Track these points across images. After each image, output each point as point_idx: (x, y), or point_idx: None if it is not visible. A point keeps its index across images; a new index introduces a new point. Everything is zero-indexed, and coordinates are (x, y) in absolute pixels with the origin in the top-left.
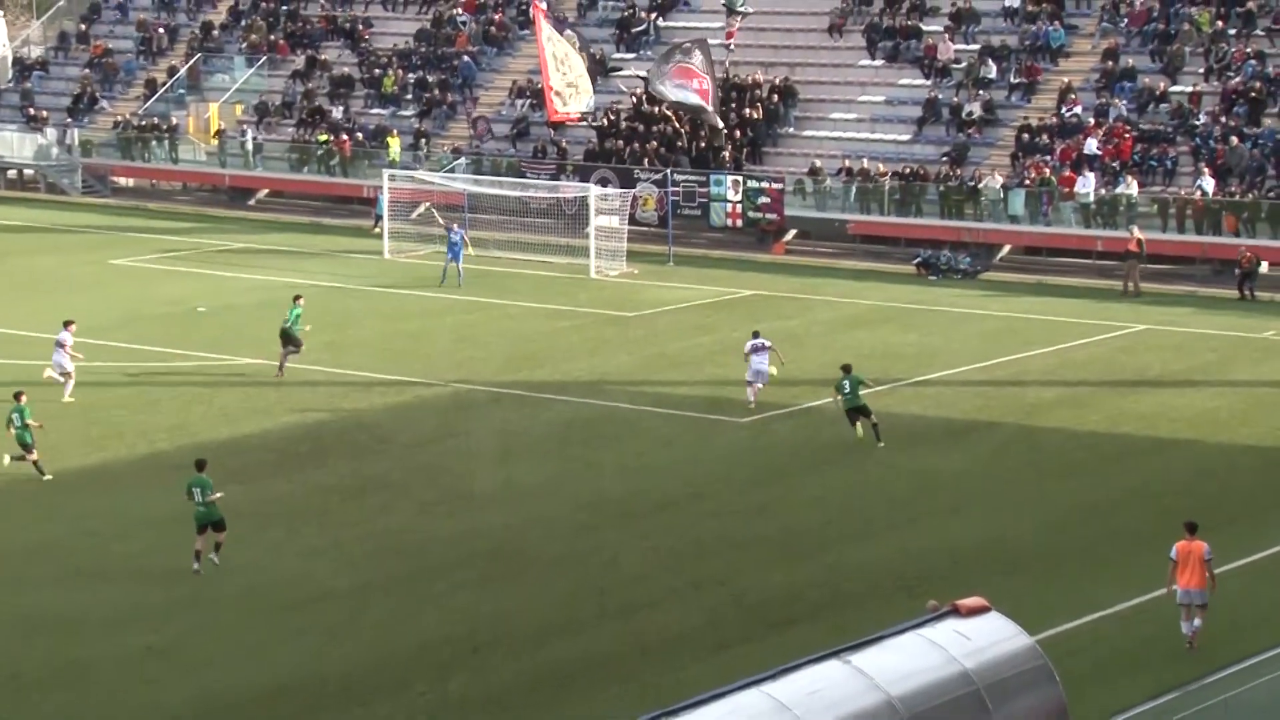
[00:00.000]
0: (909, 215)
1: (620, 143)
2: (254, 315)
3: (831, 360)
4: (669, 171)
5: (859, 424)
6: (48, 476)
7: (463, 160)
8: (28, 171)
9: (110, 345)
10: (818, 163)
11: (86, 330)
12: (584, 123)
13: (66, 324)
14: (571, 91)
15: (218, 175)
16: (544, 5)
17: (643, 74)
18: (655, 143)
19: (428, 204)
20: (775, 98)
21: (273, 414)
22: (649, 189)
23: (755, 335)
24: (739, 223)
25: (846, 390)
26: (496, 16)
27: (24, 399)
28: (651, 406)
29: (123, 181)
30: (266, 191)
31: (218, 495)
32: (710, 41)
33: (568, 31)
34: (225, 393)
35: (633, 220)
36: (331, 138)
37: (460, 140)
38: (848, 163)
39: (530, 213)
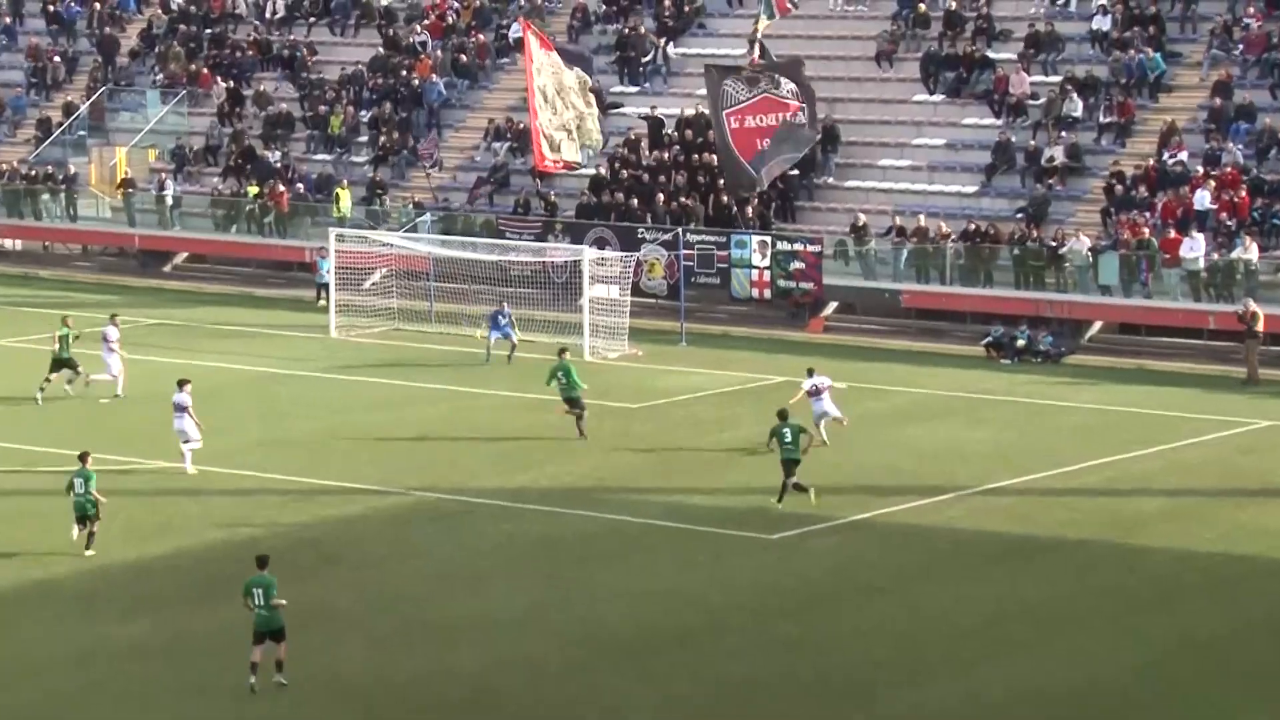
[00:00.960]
0: (976, 285)
1: (620, 195)
2: (169, 408)
3: (882, 463)
4: (681, 230)
5: (788, 482)
6: (89, 551)
7: (427, 217)
8: None
9: None
10: (863, 220)
11: None
12: (578, 169)
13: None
14: (563, 135)
15: (126, 235)
16: (535, 25)
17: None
18: (664, 195)
19: (385, 269)
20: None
21: (191, 530)
22: (656, 252)
23: (811, 374)
24: (767, 293)
25: (787, 439)
26: (472, 39)
27: (89, 462)
28: (661, 520)
29: (7, 244)
30: (186, 255)
31: (281, 602)
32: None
33: (576, 70)
34: (132, 504)
35: (636, 290)
36: (266, 189)
37: (423, 193)
38: (900, 220)
39: (511, 281)
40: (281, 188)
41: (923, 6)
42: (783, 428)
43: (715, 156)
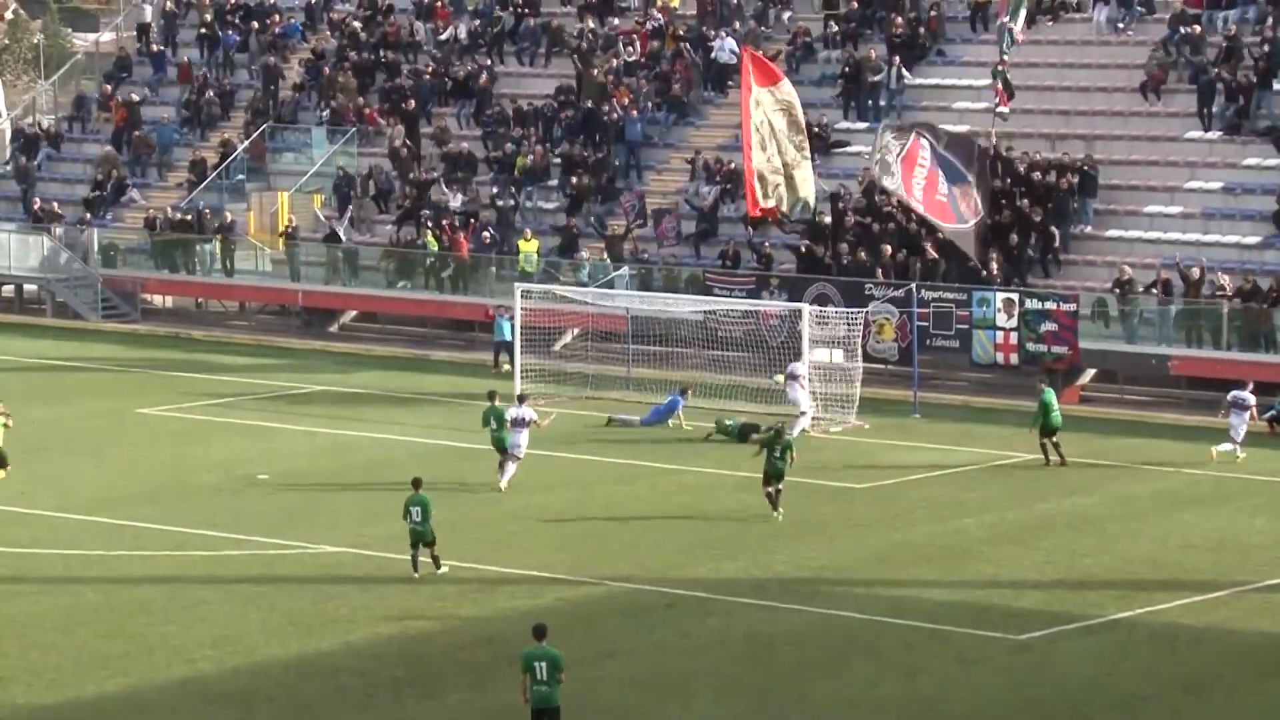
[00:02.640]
0: (1258, 350)
1: (845, 246)
2: (335, 486)
3: (1145, 555)
4: (914, 286)
5: (770, 492)
6: (447, 569)
7: (625, 270)
8: (29, 287)
9: (135, 526)
10: (1128, 272)
11: (101, 505)
12: (791, 224)
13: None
14: (779, 180)
15: (288, 292)
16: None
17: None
18: (892, 245)
19: (576, 329)
20: (1066, 184)
21: (359, 623)
22: (886, 311)
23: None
24: (1014, 359)
25: (777, 453)
26: (678, 71)
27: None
28: (889, 617)
29: (157, 300)
30: (355, 314)
31: (562, 676)
32: (971, 107)
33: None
34: (293, 593)
35: (864, 355)
36: (446, 237)
37: (621, 241)
38: (1167, 274)
39: (717, 343)
40: (461, 235)
41: (1198, 28)
42: (774, 438)
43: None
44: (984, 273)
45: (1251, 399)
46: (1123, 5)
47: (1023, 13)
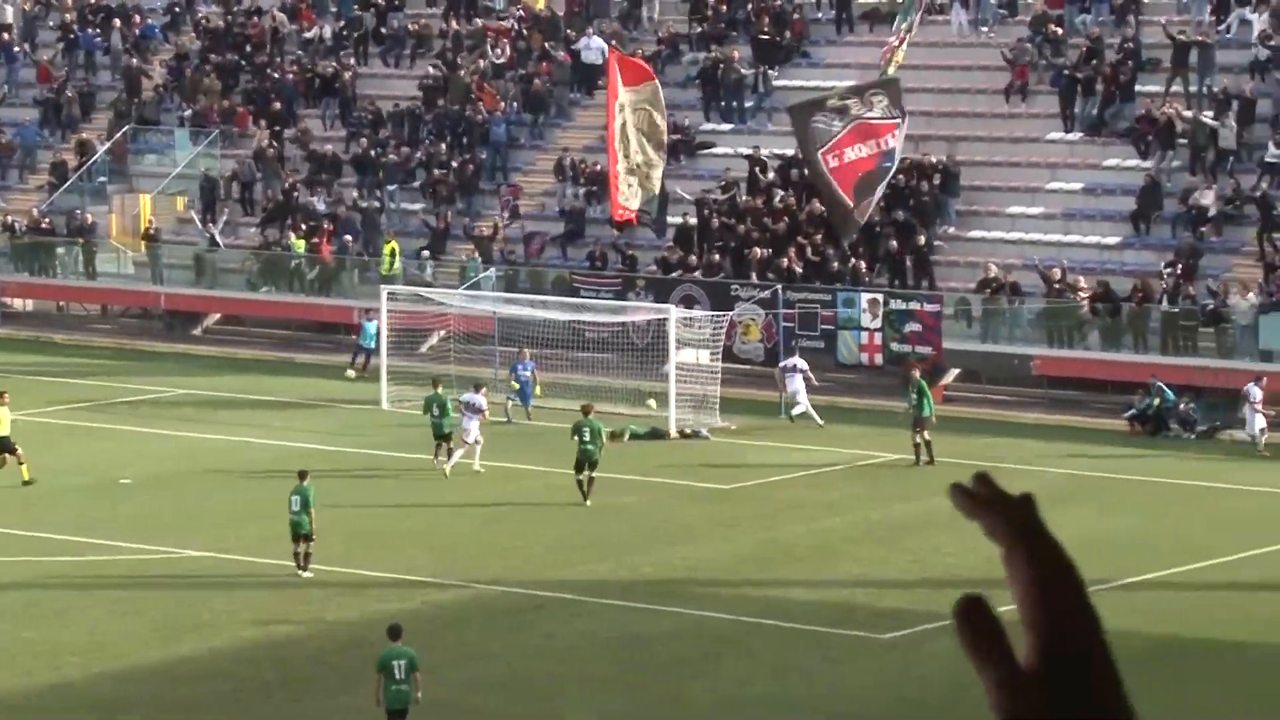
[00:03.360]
0: (1118, 349)
1: (712, 247)
2: (199, 490)
3: None
4: (780, 288)
5: (580, 479)
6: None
7: (492, 272)
8: None
9: None
10: (994, 270)
11: None
12: (646, 221)
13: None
14: (633, 181)
15: (150, 295)
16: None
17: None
18: (760, 247)
19: (443, 332)
20: (929, 185)
21: (224, 626)
22: (752, 312)
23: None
24: (878, 359)
25: (586, 438)
26: (545, 72)
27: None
28: (758, 617)
29: (17, 304)
30: (218, 317)
31: (418, 676)
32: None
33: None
34: (159, 598)
35: (730, 355)
36: (310, 239)
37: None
38: (1021, 275)
39: (585, 345)
40: (319, 239)
41: (1059, 30)
42: (582, 424)
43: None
44: (849, 257)
45: (802, 364)
46: (982, 8)
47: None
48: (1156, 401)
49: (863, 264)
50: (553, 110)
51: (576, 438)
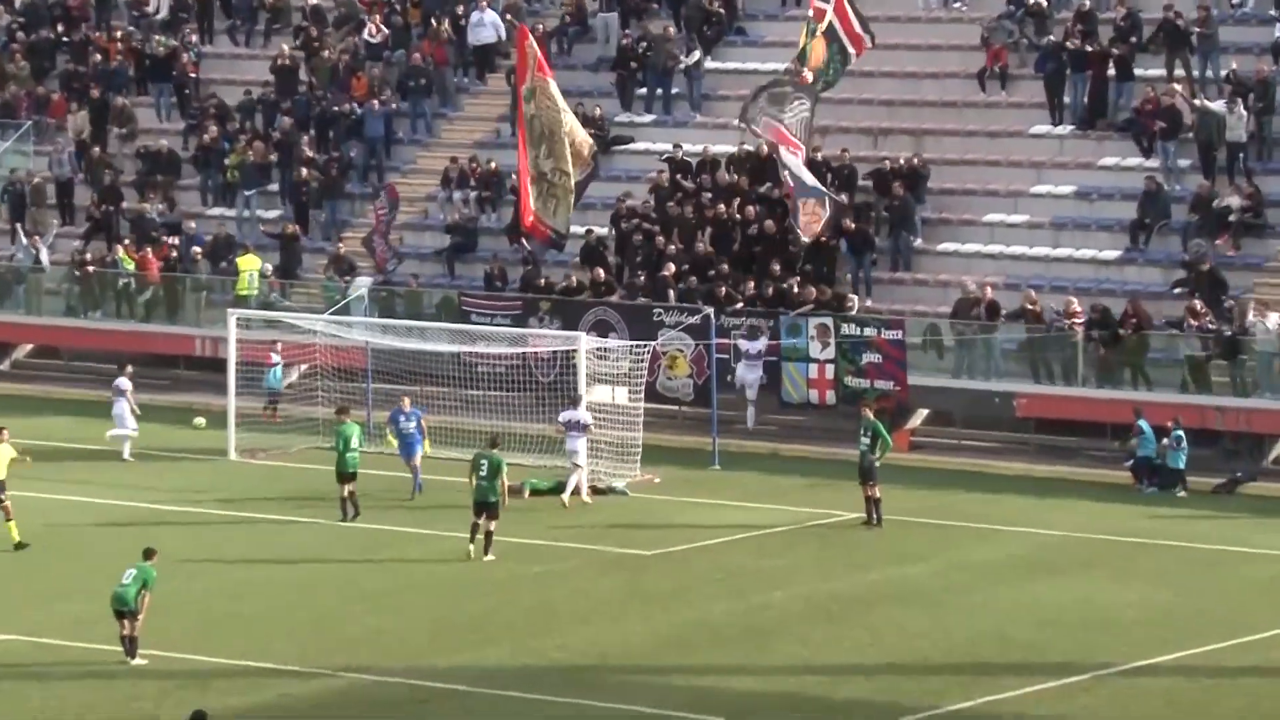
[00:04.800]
0: (1118, 386)
1: (630, 263)
2: (6, 561)
3: (992, 632)
4: (711, 312)
5: (479, 525)
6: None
7: (364, 292)
8: None
9: None
10: (971, 287)
11: None
12: (557, 243)
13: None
14: (555, 187)
15: None
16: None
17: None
18: (689, 263)
19: (305, 365)
20: (890, 190)
21: None
22: (679, 341)
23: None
24: (830, 397)
25: (483, 472)
26: (428, 54)
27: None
28: (686, 711)
29: None
30: (30, 348)
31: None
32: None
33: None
34: None
35: (653, 394)
36: (140, 254)
37: (360, 260)
38: (1001, 295)
39: (476, 382)
40: (150, 254)
41: (1045, 3)
42: (481, 457)
43: (785, 197)
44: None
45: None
46: None
47: None
48: (1156, 445)
49: (810, 288)
50: (437, 99)
51: (475, 477)
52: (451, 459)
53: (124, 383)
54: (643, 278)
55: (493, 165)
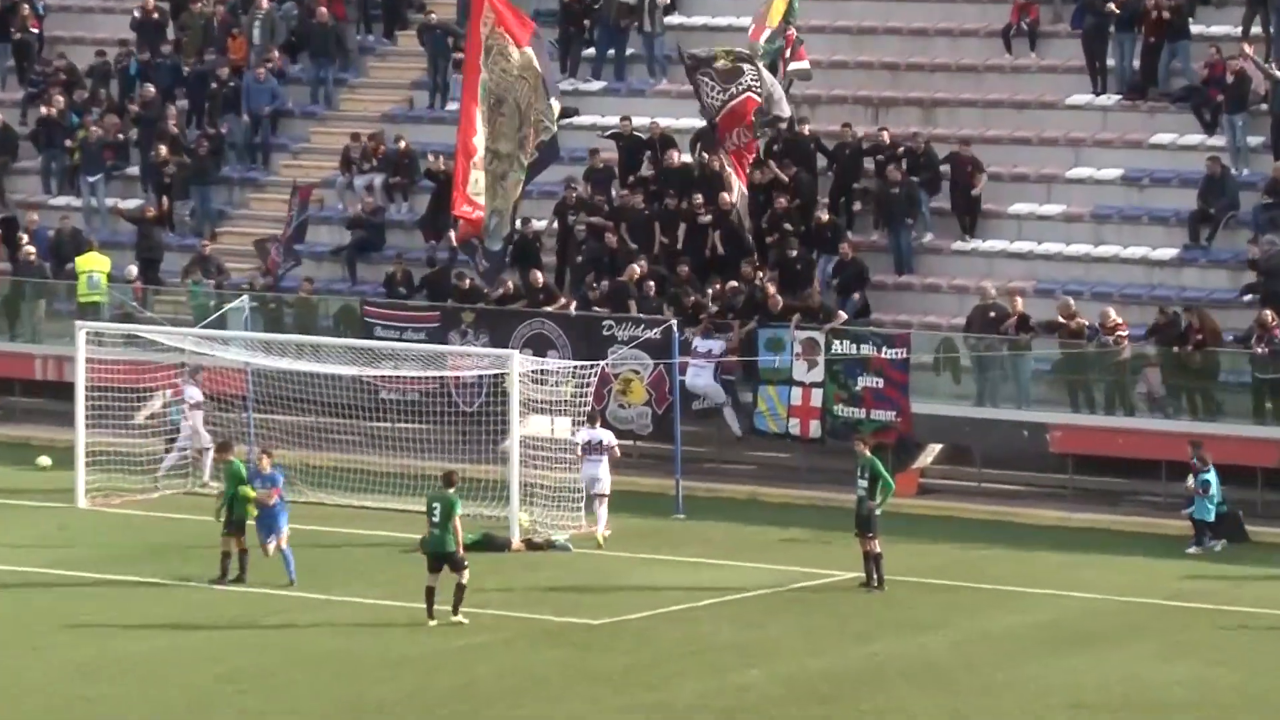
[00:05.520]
0: (1175, 416)
1: (570, 263)
2: None
3: (1022, 712)
4: (674, 323)
5: (436, 586)
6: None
7: (244, 301)
8: None
9: None
10: (993, 294)
11: None
12: (480, 256)
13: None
14: (504, 177)
15: None
16: None
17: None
18: (644, 264)
19: (169, 393)
20: (896, 175)
21: None
22: (634, 360)
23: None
24: (816, 429)
25: (435, 518)
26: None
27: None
28: None
29: None
30: None
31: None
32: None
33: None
34: None
35: (602, 424)
36: None
37: (243, 262)
38: (1033, 304)
39: (382, 412)
40: None
41: None
42: (433, 500)
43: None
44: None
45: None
46: None
47: None
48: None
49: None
50: (336, 62)
51: (426, 519)
52: (352, 507)
53: (605, 435)
54: (599, 283)
55: (404, 144)
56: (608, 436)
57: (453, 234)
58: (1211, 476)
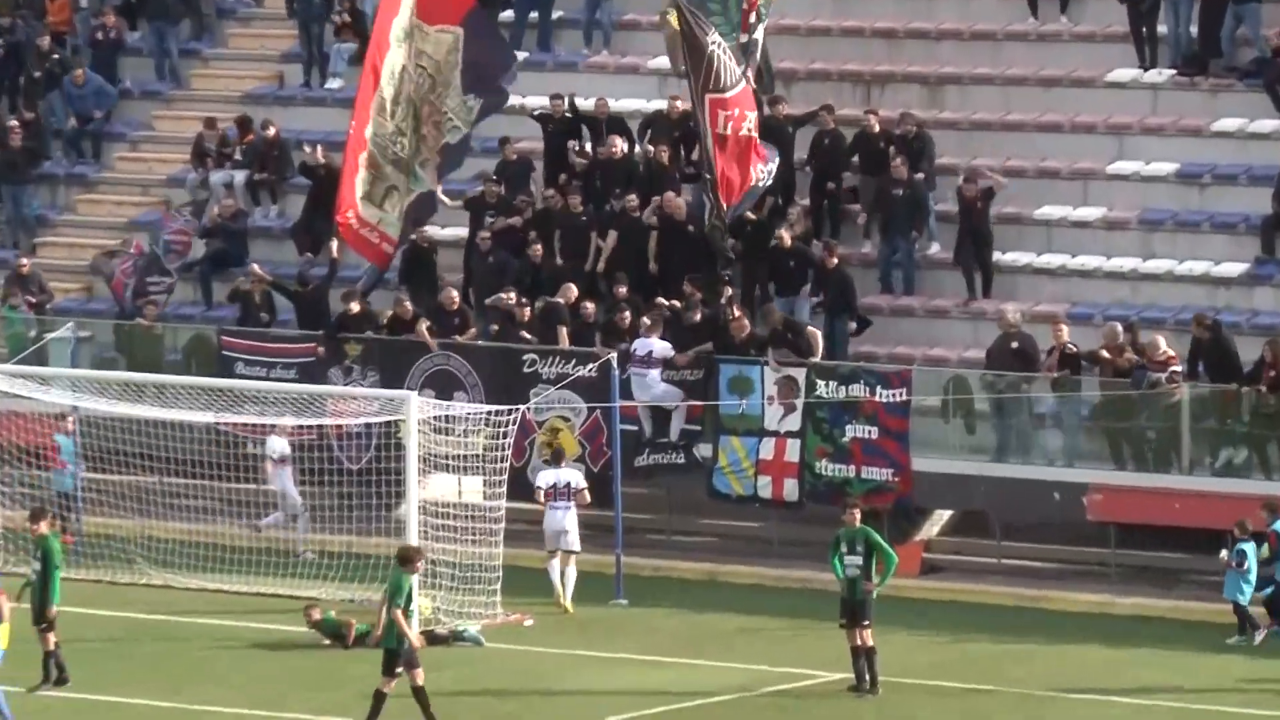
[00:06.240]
0: (1246, 473)
1: (480, 278)
2: None
3: None
4: (614, 356)
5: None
6: None
7: (69, 330)
8: None
9: None
10: (1015, 319)
11: None
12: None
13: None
14: (397, 177)
15: None
16: None
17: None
18: (573, 281)
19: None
20: (903, 171)
21: None
22: (565, 403)
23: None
24: (792, 490)
25: (400, 601)
26: None
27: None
28: None
29: None
30: None
31: None
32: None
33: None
34: None
35: (522, 486)
36: None
37: (70, 280)
38: (1075, 333)
39: (243, 469)
40: None
41: None
42: (400, 580)
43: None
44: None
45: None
46: None
47: None
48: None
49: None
50: (183, 31)
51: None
52: (208, 591)
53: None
54: (520, 304)
55: (272, 131)
56: (576, 478)
57: (334, 245)
58: (1250, 547)
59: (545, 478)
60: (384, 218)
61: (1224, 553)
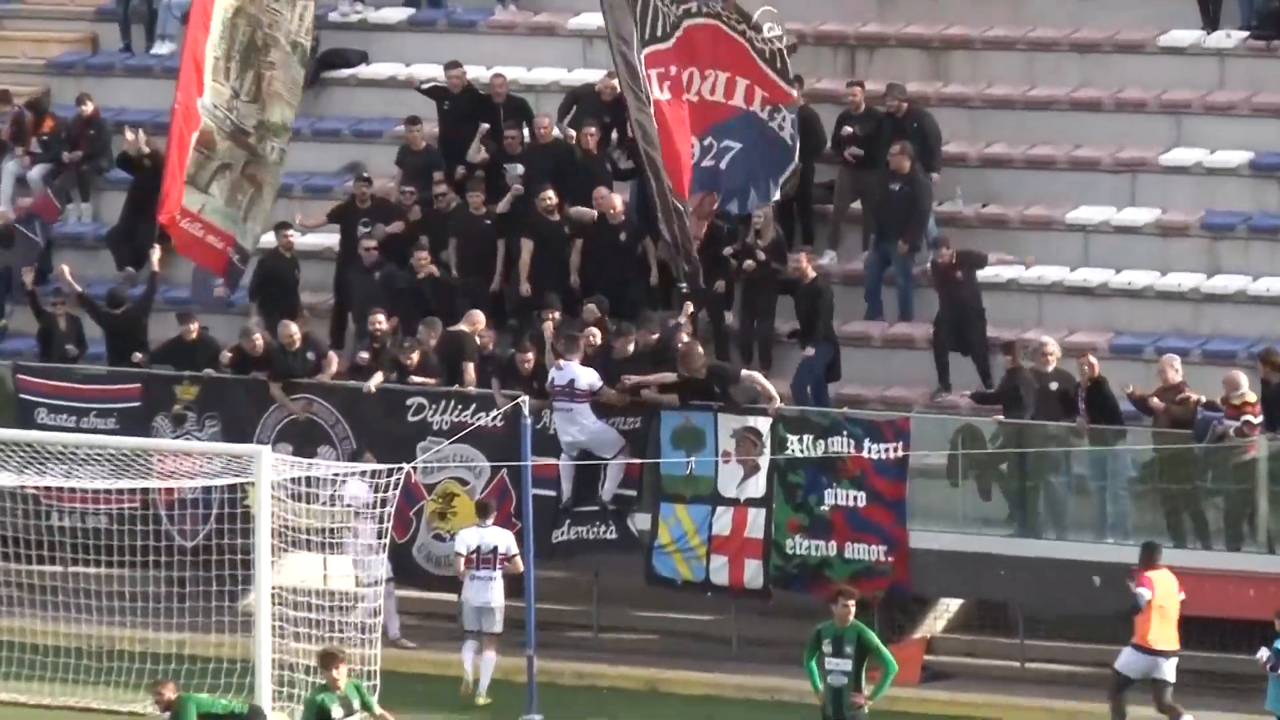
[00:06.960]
0: None
1: (350, 311)
2: None
3: None
4: (525, 401)
5: None
6: None
7: None
8: None
9: None
10: (1052, 349)
11: None
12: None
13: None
14: (254, 161)
15: None
16: None
17: None
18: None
19: None
20: (905, 162)
21: None
22: (465, 461)
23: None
24: (754, 575)
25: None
26: None
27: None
28: None
29: None
30: None
31: None
32: None
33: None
34: None
35: (409, 568)
36: None
37: None
38: (1107, 366)
39: (55, 547)
40: None
41: None
42: (327, 702)
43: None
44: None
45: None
46: None
47: None
48: None
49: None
50: None
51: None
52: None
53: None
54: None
55: (89, 108)
56: (504, 540)
57: (154, 255)
58: None
59: (467, 539)
60: (207, 203)
61: (1263, 652)
